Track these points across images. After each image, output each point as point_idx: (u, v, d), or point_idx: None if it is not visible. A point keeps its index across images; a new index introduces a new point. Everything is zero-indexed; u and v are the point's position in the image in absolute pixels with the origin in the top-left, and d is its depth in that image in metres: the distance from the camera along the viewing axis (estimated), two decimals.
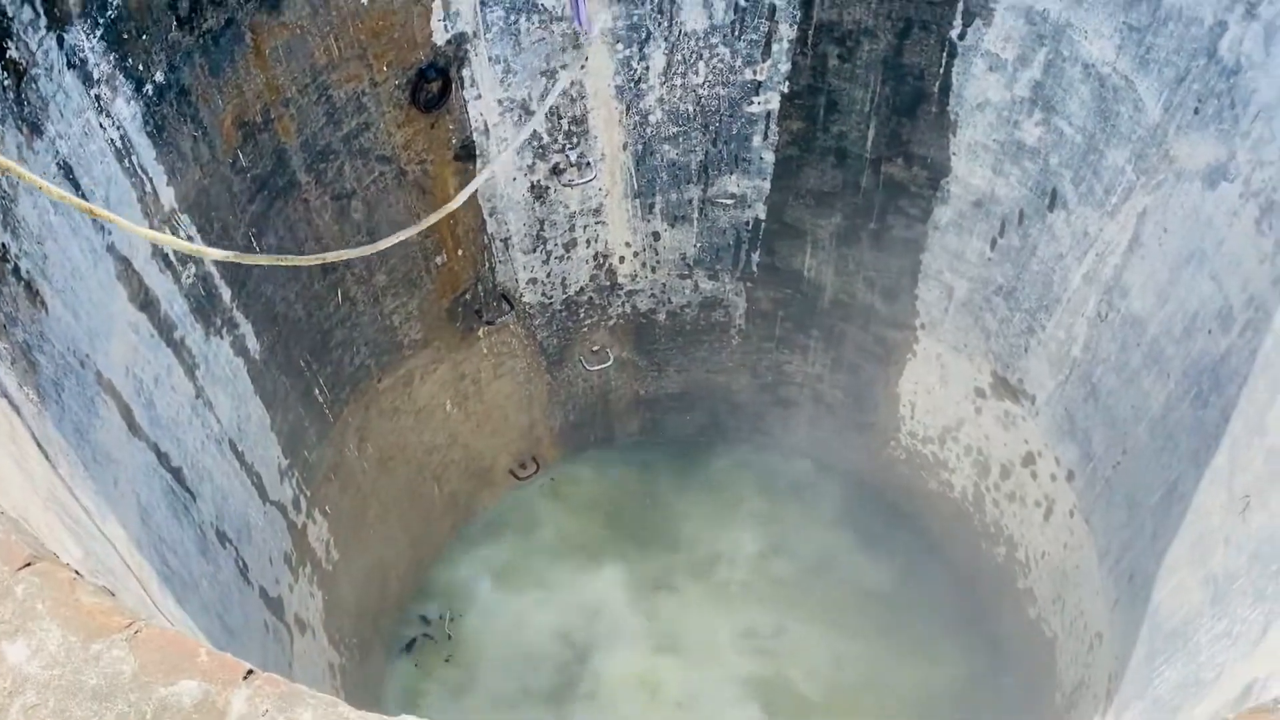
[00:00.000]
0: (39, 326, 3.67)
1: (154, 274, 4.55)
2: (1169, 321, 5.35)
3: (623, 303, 8.27)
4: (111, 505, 3.91)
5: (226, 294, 5.24)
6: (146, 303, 4.50)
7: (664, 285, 8.19)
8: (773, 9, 6.12)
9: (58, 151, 3.83)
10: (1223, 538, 4.66)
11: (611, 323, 8.41)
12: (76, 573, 2.63)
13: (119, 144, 4.20)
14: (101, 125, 4.08)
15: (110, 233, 4.16)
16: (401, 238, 5.02)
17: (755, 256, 7.87)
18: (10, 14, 3.54)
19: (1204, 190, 4.94)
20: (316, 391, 6.41)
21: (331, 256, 4.70)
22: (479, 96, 6.23)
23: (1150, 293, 5.50)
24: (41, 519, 3.11)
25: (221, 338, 5.25)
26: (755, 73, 6.51)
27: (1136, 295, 5.61)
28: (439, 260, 6.89)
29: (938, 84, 6.12)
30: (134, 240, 4.30)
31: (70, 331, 3.88)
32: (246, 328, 5.50)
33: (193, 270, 4.87)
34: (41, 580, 2.59)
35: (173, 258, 4.69)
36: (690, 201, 7.45)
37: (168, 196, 4.60)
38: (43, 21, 3.70)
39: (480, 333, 7.69)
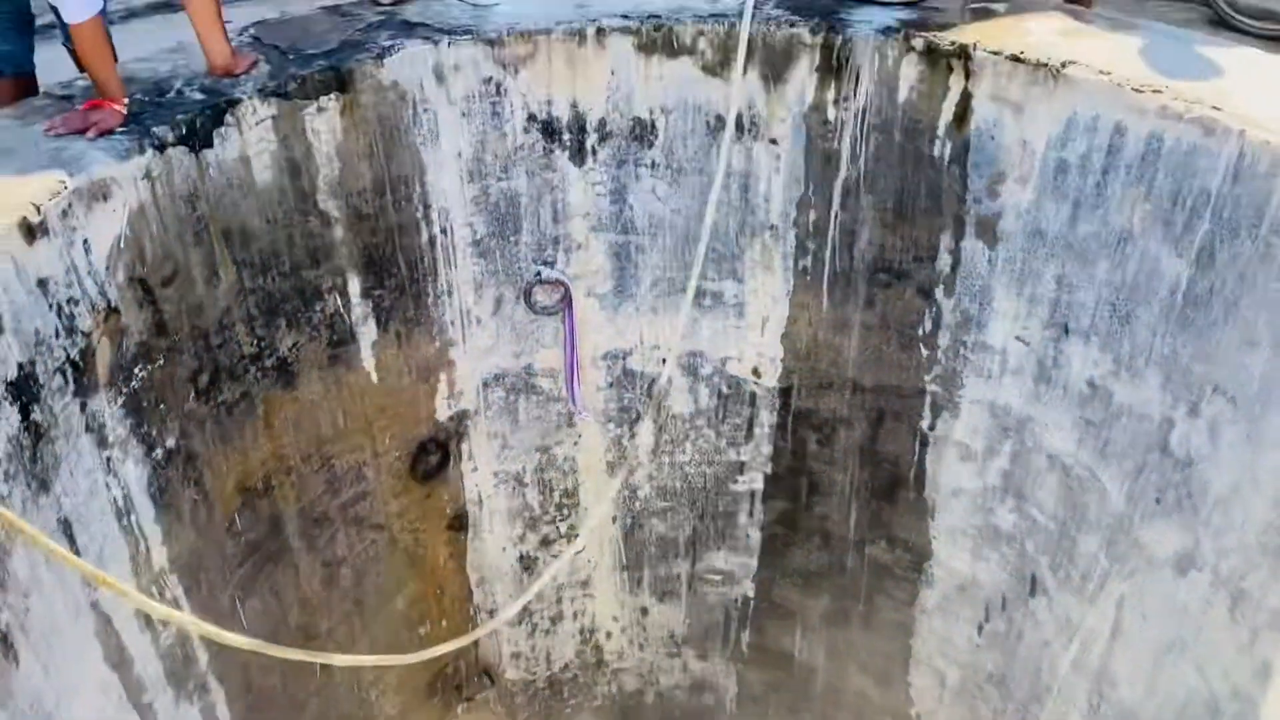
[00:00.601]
0: (6, 681, 3.64)
1: (133, 633, 4.55)
2: (1159, 713, 5.21)
3: (609, 681, 8.06)
4: None
5: (204, 658, 5.18)
6: (120, 662, 4.47)
7: (652, 664, 8.02)
8: (753, 397, 6.55)
9: (60, 508, 4.00)
10: None
11: (596, 703, 8.15)
12: None
13: (120, 503, 4.38)
14: (107, 485, 4.29)
15: (96, 589, 4.22)
16: (437, 653, 5.13)
17: (745, 636, 7.79)
18: (43, 381, 3.86)
19: (1176, 578, 5.02)
20: None
21: (352, 660, 4.70)
22: (475, 469, 6.52)
23: (1138, 682, 5.39)
24: None
25: (192, 703, 5.12)
26: (739, 454, 6.84)
27: (1125, 685, 5.50)
28: (422, 631, 6.84)
29: (913, 471, 6.40)
30: (118, 598, 4.35)
31: (38, 688, 3.83)
32: (219, 695, 5.37)
33: (173, 630, 4.87)
34: None
35: (154, 617, 4.71)
36: (678, 576, 7.50)
37: (160, 556, 4.71)
38: (71, 389, 4.02)
39: (458, 710, 7.44)
